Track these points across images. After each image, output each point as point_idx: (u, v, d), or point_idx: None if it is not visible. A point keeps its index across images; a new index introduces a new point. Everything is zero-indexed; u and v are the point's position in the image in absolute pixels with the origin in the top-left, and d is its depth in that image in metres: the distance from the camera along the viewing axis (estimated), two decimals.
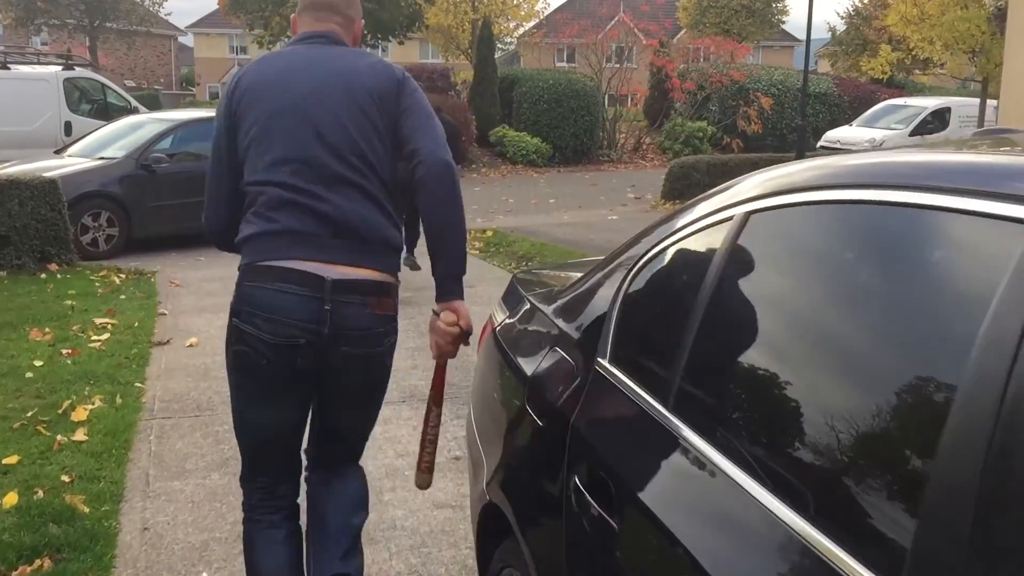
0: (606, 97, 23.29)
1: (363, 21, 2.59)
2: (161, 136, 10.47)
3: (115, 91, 15.48)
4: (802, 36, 57.99)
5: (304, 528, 2.51)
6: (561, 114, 21.34)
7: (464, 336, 2.35)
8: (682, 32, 36.30)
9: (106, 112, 14.58)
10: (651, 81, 24.28)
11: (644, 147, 24.23)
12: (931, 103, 20.76)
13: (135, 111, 14.59)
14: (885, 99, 25.90)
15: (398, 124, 2.29)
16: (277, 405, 2.36)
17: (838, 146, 19.79)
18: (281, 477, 2.47)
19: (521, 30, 36.46)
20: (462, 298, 2.37)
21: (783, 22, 35.18)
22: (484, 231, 11.41)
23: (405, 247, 8.94)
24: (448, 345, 2.37)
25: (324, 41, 2.39)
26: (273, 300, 2.24)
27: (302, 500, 2.53)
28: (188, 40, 63.14)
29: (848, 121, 24.93)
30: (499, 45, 28.68)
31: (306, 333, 2.22)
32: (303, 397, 2.39)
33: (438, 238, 2.34)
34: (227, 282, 8.49)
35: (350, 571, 2.38)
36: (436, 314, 2.38)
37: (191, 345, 6.07)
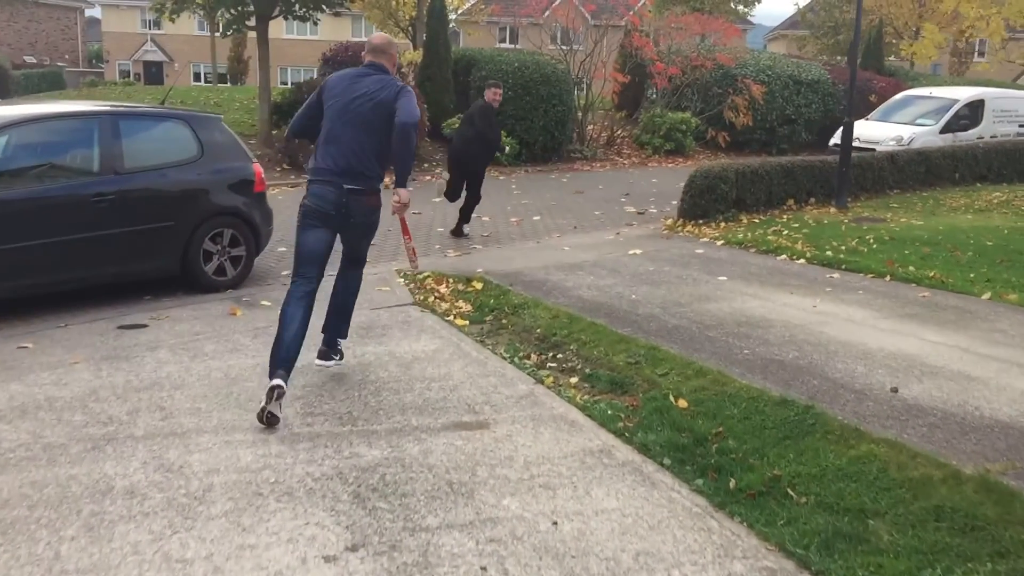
0: (587, 84, 19.87)
1: (397, 55, 5.28)
2: None
3: None
4: (756, 21, 54.80)
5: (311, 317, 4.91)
6: (530, 103, 17.80)
7: (403, 206, 4.99)
8: (640, 4, 32.93)
9: None
10: (628, 65, 20.89)
11: (618, 141, 20.90)
12: (963, 94, 17.78)
13: None
14: (881, 87, 23.05)
15: (393, 107, 4.83)
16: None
17: (858, 143, 16.70)
18: (309, 273, 4.92)
19: (467, 5, 32.86)
20: (405, 187, 4.93)
21: (759, 1, 32.11)
22: (469, 281, 7.89)
23: (461, 216, 10.54)
24: (398, 210, 5.03)
25: (373, 69, 5.03)
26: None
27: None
28: (97, 12, 57.75)
29: (843, 113, 21.99)
30: None
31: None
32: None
33: (397, 161, 4.87)
34: (42, 422, 4.81)
35: (344, 317, 5.43)
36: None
37: None
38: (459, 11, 32.73)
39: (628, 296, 7.20)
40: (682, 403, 4.76)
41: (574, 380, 5.39)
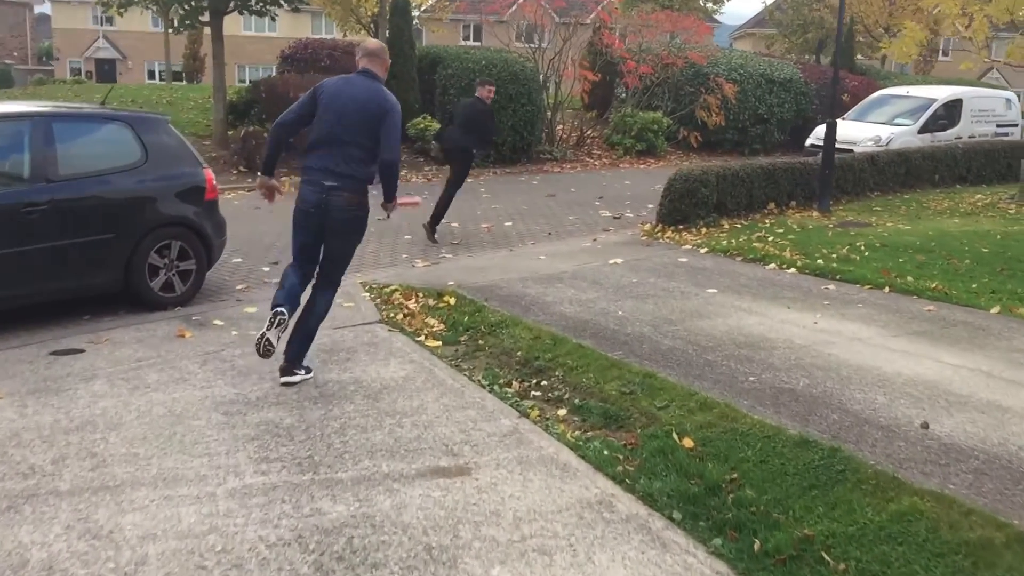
0: (555, 83, 19.34)
1: (390, 60, 5.61)
2: None
3: None
4: (721, 19, 54.65)
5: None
6: (498, 103, 17.08)
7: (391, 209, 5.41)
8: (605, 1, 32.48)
9: None
10: (598, 63, 20.39)
11: (588, 142, 20.40)
12: (940, 94, 17.48)
13: None
14: (853, 86, 22.82)
15: (379, 131, 5.05)
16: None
17: (836, 144, 16.36)
18: (304, 266, 5.22)
19: (430, 1, 32.20)
20: (392, 200, 5.31)
21: None
22: (440, 295, 7.31)
23: (432, 219, 10.34)
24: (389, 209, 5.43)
25: (366, 75, 5.21)
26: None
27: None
28: (47, 8, 56.14)
29: (816, 112, 21.73)
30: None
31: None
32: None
33: (383, 186, 5.22)
34: None
35: (311, 322, 5.29)
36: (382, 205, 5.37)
37: None
38: (422, 8, 32.05)
39: (614, 312, 6.66)
40: (688, 442, 4.22)
41: (562, 412, 4.84)
